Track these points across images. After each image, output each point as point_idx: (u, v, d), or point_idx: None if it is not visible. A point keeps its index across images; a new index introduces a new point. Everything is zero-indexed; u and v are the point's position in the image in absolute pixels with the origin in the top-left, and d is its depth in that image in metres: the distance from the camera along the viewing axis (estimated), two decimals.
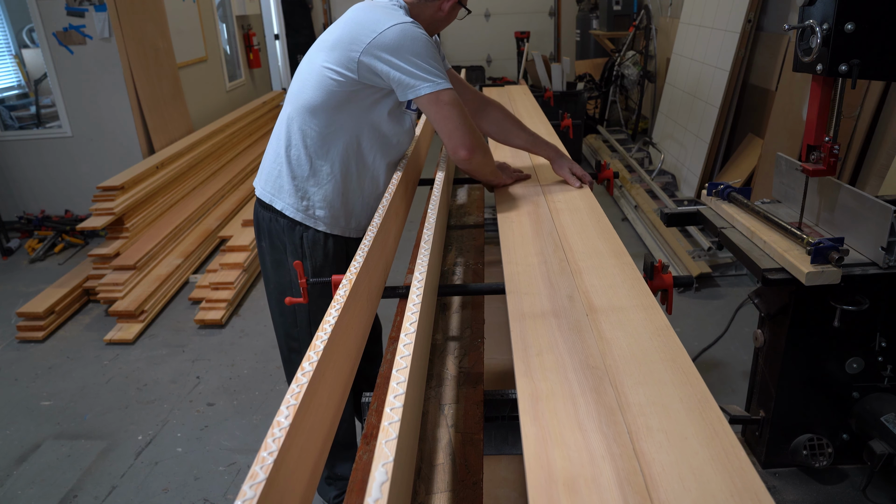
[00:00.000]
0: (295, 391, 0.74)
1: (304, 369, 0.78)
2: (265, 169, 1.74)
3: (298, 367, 0.77)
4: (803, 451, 1.91)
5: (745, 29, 4.10)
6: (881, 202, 1.59)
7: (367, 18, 1.52)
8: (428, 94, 1.50)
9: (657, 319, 1.07)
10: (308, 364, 0.79)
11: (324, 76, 1.56)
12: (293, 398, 0.73)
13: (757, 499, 0.68)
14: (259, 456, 0.64)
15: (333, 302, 0.96)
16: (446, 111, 1.52)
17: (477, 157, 1.60)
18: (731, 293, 3.44)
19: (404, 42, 1.48)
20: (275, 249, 1.77)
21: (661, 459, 0.75)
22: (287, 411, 0.70)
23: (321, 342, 0.84)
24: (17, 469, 2.43)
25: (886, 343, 1.82)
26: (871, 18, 1.49)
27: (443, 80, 1.51)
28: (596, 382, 0.92)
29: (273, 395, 2.79)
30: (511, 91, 3.56)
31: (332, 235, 1.75)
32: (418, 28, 1.52)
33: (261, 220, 1.78)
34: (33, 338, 3.37)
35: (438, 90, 1.50)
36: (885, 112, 2.96)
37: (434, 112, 1.52)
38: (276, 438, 0.66)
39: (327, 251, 1.76)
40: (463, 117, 1.55)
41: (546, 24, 8.75)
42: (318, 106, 1.59)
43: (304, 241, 1.73)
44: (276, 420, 0.69)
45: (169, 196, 4.45)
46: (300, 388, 0.75)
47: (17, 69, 5.76)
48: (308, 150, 1.64)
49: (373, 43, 1.48)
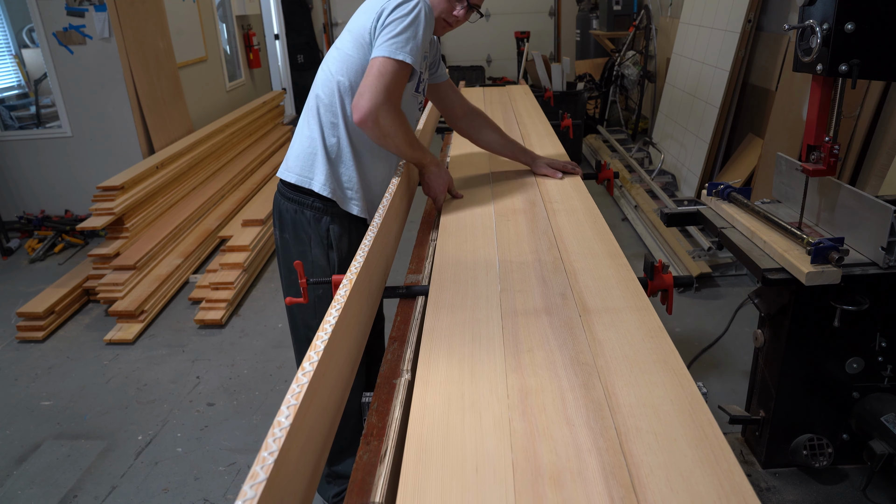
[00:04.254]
0: (295, 391, 0.74)
1: (305, 369, 0.78)
2: (295, 154, 1.78)
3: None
4: (803, 451, 1.91)
5: (745, 29, 4.10)
6: (881, 202, 1.59)
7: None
8: (380, 57, 1.56)
9: (650, 321, 1.08)
10: (308, 364, 0.80)
11: (346, 55, 1.66)
12: (293, 398, 0.73)
13: (744, 501, 0.69)
14: (259, 456, 0.64)
15: (333, 302, 0.96)
16: (374, 75, 1.56)
17: (368, 126, 1.59)
18: (731, 293, 3.44)
19: (404, 7, 1.57)
20: (299, 242, 1.80)
21: (650, 461, 0.76)
22: (287, 411, 0.70)
23: (321, 342, 0.84)
24: (17, 469, 2.43)
25: (886, 343, 1.82)
26: (871, 18, 1.49)
27: (404, 53, 1.55)
28: (585, 378, 0.92)
29: (273, 395, 2.79)
30: (511, 91, 3.56)
31: (356, 223, 1.80)
32: (426, 6, 1.59)
33: (283, 211, 1.80)
34: (33, 338, 3.37)
35: (389, 56, 1.55)
36: (885, 112, 2.96)
37: (370, 72, 1.57)
38: (276, 438, 0.66)
39: (352, 241, 1.80)
40: (383, 88, 1.56)
41: (546, 24, 8.75)
42: (347, 86, 1.68)
43: (330, 232, 1.77)
44: (276, 420, 0.69)
45: (169, 196, 4.45)
46: (301, 387, 0.75)
47: (17, 69, 5.76)
48: (337, 129, 1.72)
49: (384, 7, 1.59)
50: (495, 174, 2.03)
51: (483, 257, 1.39)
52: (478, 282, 1.27)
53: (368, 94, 1.55)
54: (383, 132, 1.60)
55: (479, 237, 1.51)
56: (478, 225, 1.59)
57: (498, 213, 1.65)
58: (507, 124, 2.69)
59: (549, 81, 5.50)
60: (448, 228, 1.58)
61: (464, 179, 1.99)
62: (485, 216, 1.64)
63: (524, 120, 2.75)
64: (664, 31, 5.94)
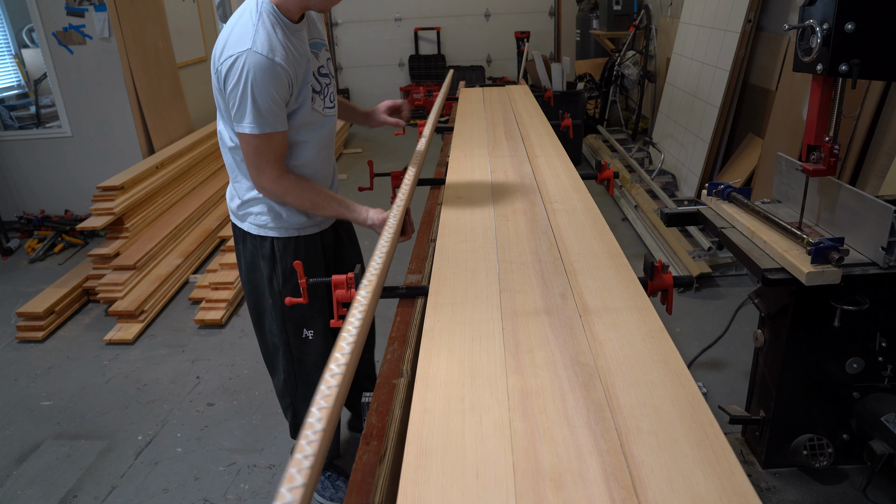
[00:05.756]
0: (325, 394, 0.73)
1: (333, 371, 0.77)
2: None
3: (279, 357, 0.76)
4: (803, 451, 1.91)
5: (745, 29, 4.10)
6: (881, 202, 1.59)
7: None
8: (239, 133, 1.59)
9: (651, 321, 1.07)
10: (336, 366, 0.79)
11: (218, 104, 1.68)
12: (324, 401, 0.72)
13: (746, 502, 0.69)
14: (294, 459, 0.63)
15: (355, 303, 0.96)
16: (246, 152, 1.61)
17: (264, 195, 1.73)
18: (731, 293, 3.44)
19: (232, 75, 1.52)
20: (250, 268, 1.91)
21: (651, 461, 0.75)
22: (319, 413, 0.70)
23: (347, 344, 0.84)
24: (17, 469, 2.43)
25: (886, 343, 1.82)
26: (871, 18, 1.49)
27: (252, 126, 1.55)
28: (586, 379, 0.92)
29: (273, 395, 2.78)
30: (511, 91, 3.56)
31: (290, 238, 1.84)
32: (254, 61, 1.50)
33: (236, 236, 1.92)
34: (33, 338, 3.37)
35: (244, 133, 1.57)
36: (885, 112, 2.96)
37: (243, 147, 1.61)
38: (310, 441, 0.66)
39: (298, 254, 1.85)
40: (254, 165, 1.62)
41: (546, 24, 8.75)
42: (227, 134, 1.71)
43: (274, 248, 1.83)
44: (308, 422, 0.68)
45: (169, 196, 4.45)
46: (331, 390, 0.74)
47: (17, 69, 5.76)
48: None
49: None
50: (495, 174, 2.03)
51: (483, 257, 1.39)
52: (478, 282, 1.27)
53: (249, 168, 1.63)
54: (276, 198, 1.71)
55: (479, 237, 1.50)
56: (478, 225, 1.59)
57: (498, 213, 1.65)
58: (506, 124, 2.69)
59: (549, 81, 5.50)
60: (448, 228, 1.58)
61: (464, 179, 1.99)
62: (485, 216, 1.64)
63: (524, 120, 2.75)
64: (664, 31, 5.93)
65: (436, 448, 0.81)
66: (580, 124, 5.61)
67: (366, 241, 2.33)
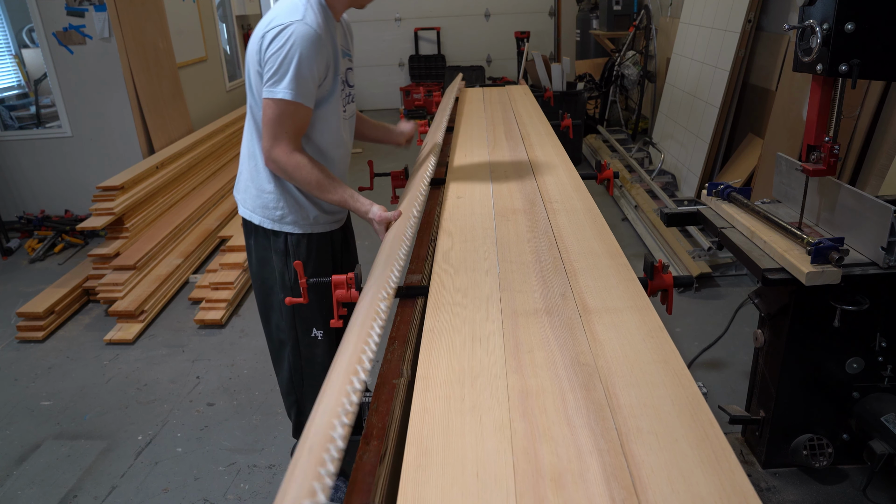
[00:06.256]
0: (348, 409, 0.80)
1: (355, 385, 0.84)
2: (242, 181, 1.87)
3: (285, 353, 0.79)
4: (803, 451, 1.91)
5: (745, 29, 4.10)
6: (881, 202, 1.59)
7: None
8: (265, 99, 1.60)
9: (651, 321, 1.07)
10: (357, 380, 0.86)
11: (250, 83, 1.68)
12: (346, 417, 0.78)
13: (746, 502, 0.69)
14: (315, 472, 0.68)
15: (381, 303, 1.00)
16: (267, 118, 1.62)
17: (269, 167, 1.72)
18: (731, 293, 3.44)
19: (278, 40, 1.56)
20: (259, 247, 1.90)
21: (651, 461, 0.75)
22: (342, 430, 0.76)
23: (373, 342, 0.89)
24: (17, 469, 2.43)
25: (886, 343, 1.82)
26: (871, 18, 1.49)
27: (284, 91, 1.56)
28: (586, 379, 0.92)
29: (273, 395, 2.78)
30: (511, 91, 3.56)
31: (304, 235, 1.85)
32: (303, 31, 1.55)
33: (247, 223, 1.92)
34: (33, 338, 3.37)
35: (271, 98, 1.58)
36: (885, 112, 2.96)
37: (264, 113, 1.62)
38: (333, 459, 0.71)
39: (310, 250, 1.86)
40: (271, 133, 1.63)
41: (546, 24, 8.76)
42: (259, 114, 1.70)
43: (287, 243, 1.84)
44: (329, 435, 0.75)
45: (169, 196, 4.45)
46: (353, 406, 0.81)
47: (17, 69, 5.76)
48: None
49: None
50: (495, 175, 2.02)
51: (483, 257, 1.39)
52: (478, 282, 1.27)
53: (265, 137, 1.64)
54: (284, 173, 1.69)
55: (479, 237, 1.50)
56: (478, 225, 1.58)
57: (498, 213, 1.65)
58: (506, 124, 2.69)
59: (549, 81, 5.50)
60: (448, 228, 1.58)
61: (464, 180, 1.99)
62: (485, 216, 1.64)
63: (524, 120, 2.75)
64: (664, 31, 5.93)
65: (436, 448, 0.81)
66: (580, 124, 5.61)
67: (366, 242, 2.33)
